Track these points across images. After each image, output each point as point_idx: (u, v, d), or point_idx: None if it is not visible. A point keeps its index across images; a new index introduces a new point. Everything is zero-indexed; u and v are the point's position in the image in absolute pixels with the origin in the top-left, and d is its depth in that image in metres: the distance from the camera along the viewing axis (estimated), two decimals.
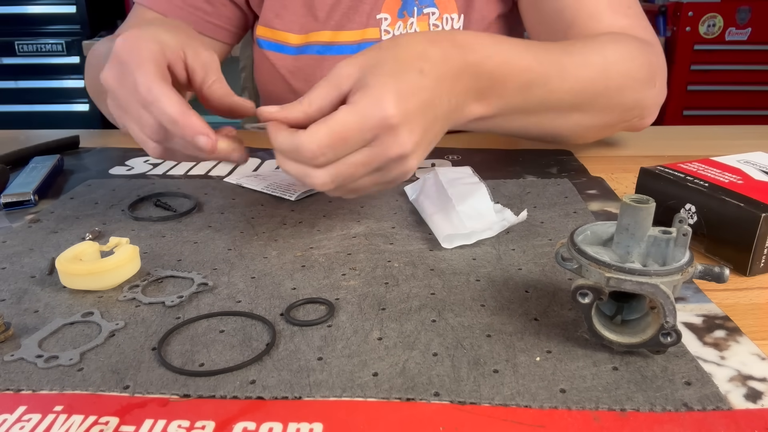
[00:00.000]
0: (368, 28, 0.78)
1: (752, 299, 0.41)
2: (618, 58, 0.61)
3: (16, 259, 0.47)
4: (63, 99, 2.31)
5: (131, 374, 0.33)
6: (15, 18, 2.26)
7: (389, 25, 0.78)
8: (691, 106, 2.24)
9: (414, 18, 0.77)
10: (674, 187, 0.48)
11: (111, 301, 0.41)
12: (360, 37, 0.78)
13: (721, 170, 0.50)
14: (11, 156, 0.69)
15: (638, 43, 0.64)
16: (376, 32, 0.78)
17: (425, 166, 0.67)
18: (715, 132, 0.84)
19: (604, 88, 0.59)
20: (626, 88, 0.62)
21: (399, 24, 0.78)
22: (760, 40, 2.18)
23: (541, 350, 0.35)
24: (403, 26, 0.78)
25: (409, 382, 0.32)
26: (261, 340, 0.36)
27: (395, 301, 0.40)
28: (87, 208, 0.57)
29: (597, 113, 0.62)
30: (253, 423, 0.30)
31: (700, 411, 0.30)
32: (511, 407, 0.30)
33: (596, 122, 0.63)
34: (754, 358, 0.34)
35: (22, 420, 0.30)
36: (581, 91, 0.58)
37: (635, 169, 0.66)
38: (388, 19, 0.78)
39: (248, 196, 0.60)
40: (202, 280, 0.43)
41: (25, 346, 0.36)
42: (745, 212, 0.43)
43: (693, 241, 0.47)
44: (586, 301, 0.33)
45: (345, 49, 0.78)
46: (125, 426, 0.30)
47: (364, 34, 0.78)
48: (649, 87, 0.64)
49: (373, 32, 0.78)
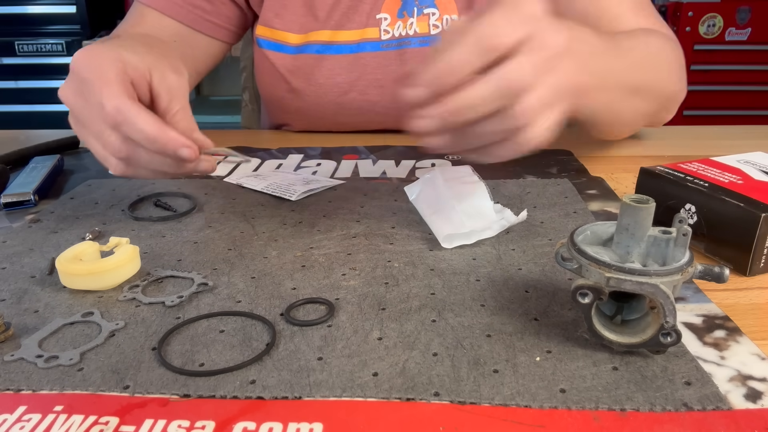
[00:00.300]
0: (368, 28, 0.78)
1: (752, 299, 0.41)
2: (666, 49, 0.66)
3: (16, 259, 0.47)
4: None
5: (131, 374, 0.33)
6: (15, 18, 2.26)
7: (389, 25, 0.78)
8: (691, 106, 2.24)
9: (414, 18, 0.78)
10: (674, 187, 0.48)
11: (111, 301, 0.41)
12: (359, 37, 0.78)
13: (721, 170, 0.50)
14: (11, 156, 0.69)
15: (671, 39, 0.68)
16: (376, 32, 0.78)
17: (425, 166, 0.67)
18: (715, 132, 0.84)
19: (661, 73, 0.64)
20: (670, 77, 0.67)
21: (399, 24, 0.78)
22: (760, 40, 2.18)
23: (541, 350, 0.35)
24: (403, 26, 0.78)
25: (409, 382, 0.32)
26: (261, 340, 0.36)
27: (395, 301, 0.40)
28: (87, 208, 0.57)
29: (650, 99, 0.65)
30: (253, 423, 0.30)
31: (700, 411, 0.30)
32: (511, 407, 0.30)
33: (647, 109, 0.66)
34: (754, 358, 0.34)
35: (22, 420, 0.30)
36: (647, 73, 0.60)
37: (635, 169, 0.66)
38: (388, 19, 0.78)
39: (248, 196, 0.60)
40: (202, 280, 0.43)
41: (25, 346, 0.36)
42: (744, 212, 0.43)
43: (693, 241, 0.47)
44: (586, 301, 0.33)
45: (344, 48, 0.78)
46: (125, 426, 0.30)
47: (363, 33, 0.78)
48: (683, 80, 0.70)
49: (373, 32, 0.78)
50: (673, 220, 0.34)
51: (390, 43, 0.79)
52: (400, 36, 0.78)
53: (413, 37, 0.78)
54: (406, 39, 0.78)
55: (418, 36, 0.78)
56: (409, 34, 0.78)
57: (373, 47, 0.79)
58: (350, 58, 0.79)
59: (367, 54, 0.78)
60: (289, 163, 0.69)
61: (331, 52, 0.78)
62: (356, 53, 0.78)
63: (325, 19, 0.78)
